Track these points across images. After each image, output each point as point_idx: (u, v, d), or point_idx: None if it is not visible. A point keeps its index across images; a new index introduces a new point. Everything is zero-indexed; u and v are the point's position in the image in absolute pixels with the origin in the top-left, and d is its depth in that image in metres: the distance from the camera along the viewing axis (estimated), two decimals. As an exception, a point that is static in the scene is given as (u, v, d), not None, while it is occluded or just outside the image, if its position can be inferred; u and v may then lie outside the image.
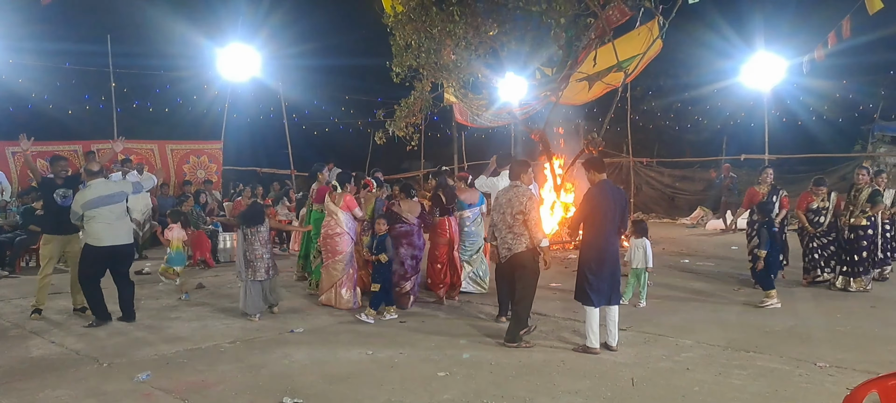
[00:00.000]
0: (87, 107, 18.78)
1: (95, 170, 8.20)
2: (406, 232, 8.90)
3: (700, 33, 20.78)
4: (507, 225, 7.17)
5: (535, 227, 7.09)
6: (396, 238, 8.78)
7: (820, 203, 10.12)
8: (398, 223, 8.87)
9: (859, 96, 22.48)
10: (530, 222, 7.08)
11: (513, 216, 7.13)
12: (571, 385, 5.83)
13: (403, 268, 8.87)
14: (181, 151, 17.81)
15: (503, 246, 7.24)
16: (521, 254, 7.14)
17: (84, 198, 7.94)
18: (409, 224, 8.91)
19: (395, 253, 8.70)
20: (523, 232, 7.12)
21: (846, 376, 5.91)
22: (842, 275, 9.85)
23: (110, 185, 8.27)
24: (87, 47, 17.03)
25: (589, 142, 13.88)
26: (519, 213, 7.10)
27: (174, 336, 7.55)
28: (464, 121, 18.39)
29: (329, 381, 5.98)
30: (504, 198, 7.29)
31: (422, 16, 12.37)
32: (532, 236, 7.10)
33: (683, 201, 22.04)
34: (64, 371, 6.31)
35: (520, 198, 7.17)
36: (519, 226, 7.12)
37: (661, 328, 7.77)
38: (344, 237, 8.79)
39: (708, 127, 25.50)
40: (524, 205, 7.10)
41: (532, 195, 7.34)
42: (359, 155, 23.07)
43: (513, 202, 7.18)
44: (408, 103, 13.50)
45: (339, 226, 8.78)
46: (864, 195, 9.92)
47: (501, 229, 7.24)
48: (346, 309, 8.75)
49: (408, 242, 8.90)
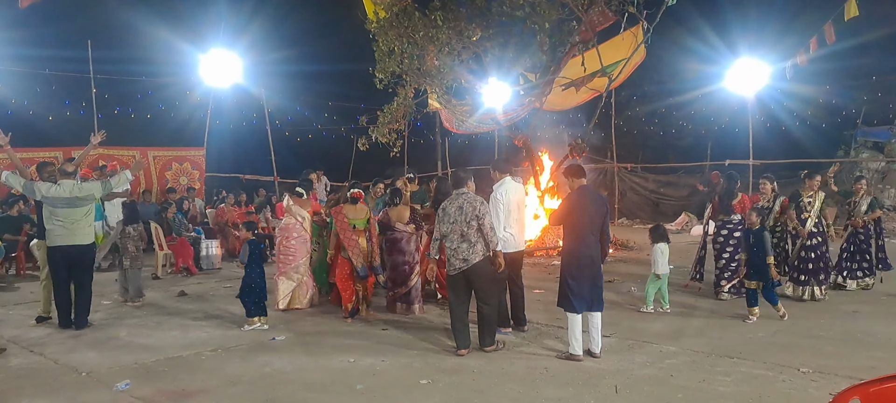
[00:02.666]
0: (68, 113, 18.53)
1: (70, 172, 8.14)
2: (396, 239, 8.93)
3: (684, 39, 20.86)
4: (461, 234, 6.94)
5: (490, 232, 6.90)
6: (388, 244, 8.89)
7: (765, 203, 10.12)
8: (388, 230, 8.92)
9: (842, 101, 22.64)
10: (485, 228, 6.89)
11: (466, 224, 6.90)
12: (554, 392, 5.78)
13: (395, 274, 8.90)
14: (164, 158, 17.68)
15: (457, 258, 6.96)
16: (478, 264, 6.92)
17: (50, 193, 7.96)
18: (399, 231, 8.91)
19: (389, 260, 8.85)
20: (478, 240, 6.92)
21: (829, 382, 5.90)
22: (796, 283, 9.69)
23: (82, 188, 8.21)
24: (67, 53, 16.87)
25: (573, 147, 13.89)
26: (472, 220, 6.89)
27: (155, 345, 7.45)
28: (450, 127, 18.35)
29: (310, 389, 5.92)
30: (452, 208, 7.02)
31: (405, 21, 12.34)
32: (487, 242, 6.91)
33: (668, 207, 22.11)
34: (42, 381, 6.23)
35: (472, 204, 6.95)
36: (473, 234, 6.92)
37: (645, 334, 7.75)
38: (305, 242, 9.21)
39: (692, 132, 25.59)
40: (478, 211, 6.90)
41: (483, 200, 7.10)
42: (342, 161, 22.99)
43: (464, 209, 6.95)
44: (391, 109, 13.45)
45: (306, 232, 9.20)
46: (865, 205, 9.98)
47: (453, 240, 6.98)
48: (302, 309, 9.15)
49: (397, 249, 8.93)
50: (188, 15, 20.71)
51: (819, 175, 10.15)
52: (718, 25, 20.77)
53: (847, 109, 22.71)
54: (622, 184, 23.60)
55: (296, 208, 9.25)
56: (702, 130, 24.94)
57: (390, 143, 13.71)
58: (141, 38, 19.24)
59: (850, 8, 11.47)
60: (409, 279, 8.93)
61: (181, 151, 18.20)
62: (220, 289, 10.93)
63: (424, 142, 25.49)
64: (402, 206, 9.05)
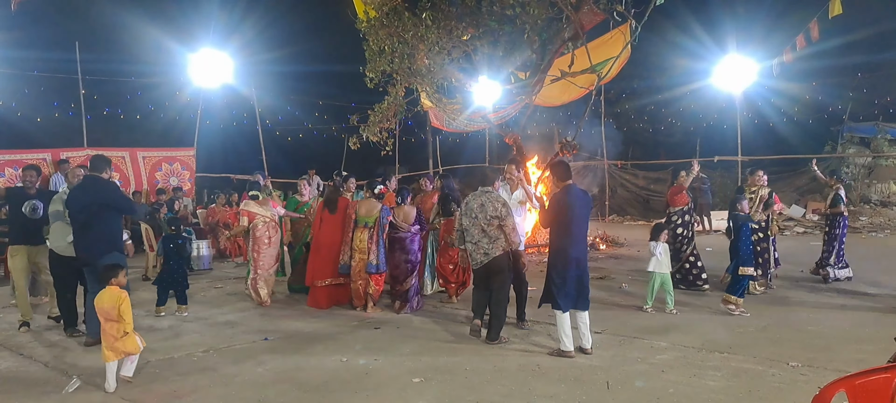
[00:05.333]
0: (57, 114, 18.50)
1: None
2: (401, 238, 9.07)
3: (672, 36, 21.00)
4: (481, 229, 7.26)
5: (512, 234, 7.23)
6: (392, 243, 9.05)
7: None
8: (393, 229, 9.07)
9: (829, 98, 22.82)
10: (507, 229, 7.21)
11: (487, 221, 7.22)
12: (546, 389, 5.82)
13: (397, 271, 9.05)
14: (153, 159, 17.61)
15: (479, 252, 7.31)
16: (498, 258, 7.26)
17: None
18: (404, 231, 9.04)
19: (391, 258, 9.03)
20: (499, 236, 7.23)
21: (818, 375, 5.96)
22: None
23: None
24: (55, 54, 16.81)
25: (563, 145, 13.92)
26: (493, 218, 7.19)
27: (146, 346, 7.41)
28: (440, 126, 18.39)
29: (303, 389, 5.92)
30: (476, 204, 7.36)
31: (394, 20, 12.33)
32: (509, 241, 7.24)
33: (658, 203, 22.19)
34: (33, 384, 6.20)
35: (494, 204, 7.27)
36: (494, 231, 7.21)
37: (636, 330, 7.80)
38: (276, 245, 9.62)
39: (681, 129, 25.75)
40: (499, 212, 7.22)
41: (506, 202, 7.43)
42: (333, 160, 23.00)
43: (486, 207, 7.27)
44: (382, 108, 13.43)
45: (276, 233, 9.61)
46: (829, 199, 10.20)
47: (473, 234, 7.33)
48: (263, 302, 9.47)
49: (401, 247, 9.07)
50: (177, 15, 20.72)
51: (761, 170, 10.49)
52: (706, 22, 20.92)
53: (833, 106, 22.90)
54: (612, 180, 23.70)
55: (258, 208, 9.62)
56: (691, 127, 25.08)
57: (381, 142, 13.71)
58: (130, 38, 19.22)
59: (834, 6, 11.56)
60: (410, 277, 9.04)
61: (171, 152, 18.12)
62: (210, 290, 10.91)
63: (415, 141, 25.55)
64: (408, 206, 9.14)
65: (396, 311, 8.96)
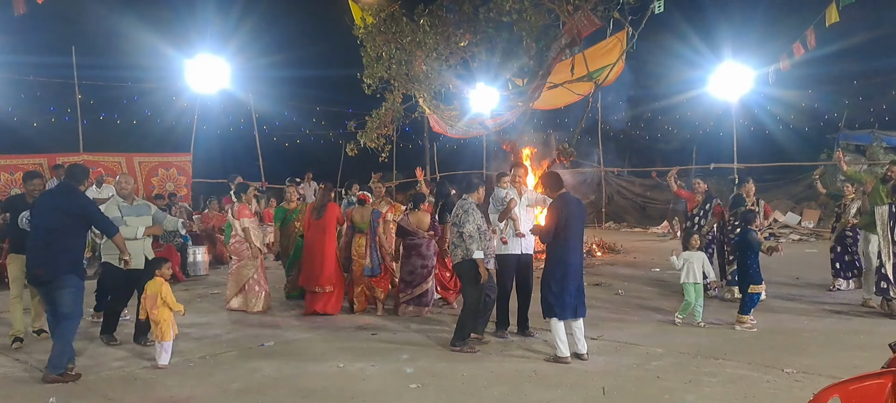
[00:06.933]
0: (53, 119, 18.47)
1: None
2: (416, 244, 9.12)
3: (669, 43, 21.02)
4: (456, 235, 7.42)
5: (467, 240, 7.23)
6: (407, 249, 9.11)
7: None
8: (408, 236, 9.09)
9: (824, 106, 22.87)
10: (464, 235, 7.26)
11: (453, 227, 7.46)
12: (542, 394, 5.83)
13: (412, 277, 9.10)
14: (150, 164, 17.55)
15: (456, 257, 7.49)
16: (456, 265, 7.53)
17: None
18: (419, 237, 9.08)
19: (407, 264, 9.10)
20: (460, 244, 7.32)
21: (813, 381, 5.97)
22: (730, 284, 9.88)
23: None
24: (51, 59, 16.77)
25: (560, 151, 13.96)
26: (454, 225, 7.41)
27: (142, 352, 7.41)
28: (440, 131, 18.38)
29: (300, 395, 5.92)
30: (456, 210, 7.55)
31: (392, 27, 12.38)
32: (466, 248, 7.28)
33: (655, 210, 22.23)
34: (27, 390, 6.17)
35: (457, 209, 7.48)
36: (455, 237, 7.39)
37: (632, 336, 7.81)
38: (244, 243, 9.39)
39: (678, 136, 25.76)
40: (458, 218, 7.35)
41: (468, 209, 7.40)
42: (330, 166, 22.99)
43: (456, 213, 7.47)
44: (379, 114, 13.47)
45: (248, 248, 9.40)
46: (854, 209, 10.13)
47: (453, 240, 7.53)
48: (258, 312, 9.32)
49: (417, 253, 9.14)
50: (175, 20, 20.70)
51: (750, 179, 10.45)
52: (703, 30, 20.96)
53: (829, 113, 22.94)
54: (609, 187, 23.72)
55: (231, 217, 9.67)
56: (687, 134, 25.10)
57: (379, 148, 13.73)
58: (126, 43, 19.19)
59: (831, 14, 11.64)
60: (426, 282, 9.12)
61: (168, 157, 18.06)
62: (207, 295, 10.90)
63: (413, 147, 25.55)
64: (422, 213, 9.18)
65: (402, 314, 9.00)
